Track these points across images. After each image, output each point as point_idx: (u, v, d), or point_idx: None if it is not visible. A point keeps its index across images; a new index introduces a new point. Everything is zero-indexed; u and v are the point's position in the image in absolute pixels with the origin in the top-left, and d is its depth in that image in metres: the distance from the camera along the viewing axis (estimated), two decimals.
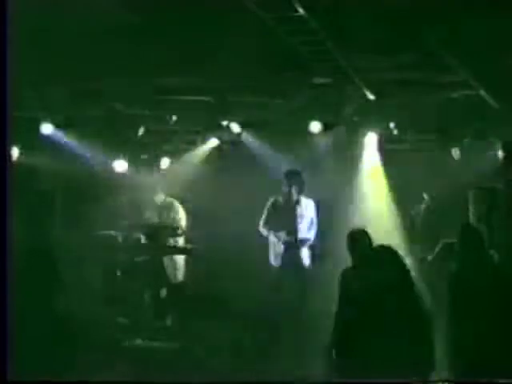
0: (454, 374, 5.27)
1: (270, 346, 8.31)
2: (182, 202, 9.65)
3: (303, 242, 8.61)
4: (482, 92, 8.15)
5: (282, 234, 8.58)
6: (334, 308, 5.53)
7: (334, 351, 5.06)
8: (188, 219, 9.60)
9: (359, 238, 6.10)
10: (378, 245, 5.36)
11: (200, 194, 9.65)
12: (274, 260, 8.69)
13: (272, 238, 8.71)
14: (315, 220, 8.75)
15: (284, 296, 8.48)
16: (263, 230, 8.77)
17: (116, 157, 10.02)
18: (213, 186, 10.16)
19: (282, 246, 8.58)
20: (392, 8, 6.27)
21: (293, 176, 8.66)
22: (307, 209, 8.71)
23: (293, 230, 8.56)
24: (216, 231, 9.53)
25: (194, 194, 9.58)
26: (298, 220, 8.60)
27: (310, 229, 8.71)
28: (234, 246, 9.73)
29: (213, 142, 10.24)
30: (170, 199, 9.59)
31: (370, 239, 6.11)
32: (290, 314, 8.28)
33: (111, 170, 10.03)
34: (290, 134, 9.81)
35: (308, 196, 8.92)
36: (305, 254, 8.63)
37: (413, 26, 6.63)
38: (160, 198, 9.60)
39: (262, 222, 8.79)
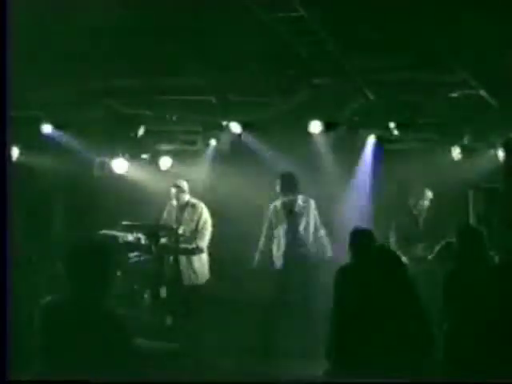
0: (452, 373, 5.28)
1: (271, 346, 8.34)
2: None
3: (305, 242, 8.57)
4: (482, 92, 8.16)
5: (283, 238, 8.58)
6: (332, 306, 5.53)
7: (332, 351, 5.07)
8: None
9: (361, 237, 6.08)
10: (379, 244, 5.36)
11: (199, 193, 9.65)
12: (277, 263, 8.68)
13: (275, 243, 8.72)
14: (318, 218, 8.74)
15: (287, 296, 8.50)
16: (263, 240, 8.77)
17: (116, 157, 10.03)
18: (212, 186, 10.16)
19: (284, 249, 8.57)
20: (392, 8, 6.27)
21: (286, 179, 8.64)
22: (307, 209, 8.68)
23: (293, 232, 8.56)
24: (216, 231, 9.52)
25: (193, 193, 9.57)
26: (298, 221, 8.57)
27: (314, 229, 8.68)
28: (234, 246, 9.74)
29: (213, 142, 10.24)
30: (193, 200, 9.47)
31: (372, 239, 6.08)
32: (292, 313, 8.31)
33: (111, 170, 10.03)
34: (289, 134, 9.81)
35: (308, 196, 8.94)
36: (308, 254, 8.59)
37: (413, 26, 6.63)
38: (183, 197, 9.46)
39: (264, 231, 8.79)
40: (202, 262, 9.33)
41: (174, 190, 9.39)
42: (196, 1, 6.33)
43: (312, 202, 8.77)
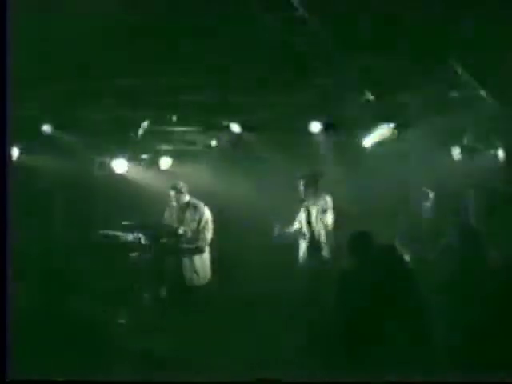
0: (453, 373, 5.28)
1: (271, 346, 8.33)
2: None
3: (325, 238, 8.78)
4: (482, 92, 8.16)
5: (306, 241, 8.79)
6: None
7: (334, 351, 5.07)
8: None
9: (360, 239, 6.06)
10: (380, 245, 5.36)
11: (200, 193, 9.64)
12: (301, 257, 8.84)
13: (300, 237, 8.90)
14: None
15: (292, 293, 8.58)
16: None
17: (116, 157, 10.04)
18: (213, 186, 10.16)
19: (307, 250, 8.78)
20: (392, 8, 6.27)
21: (308, 181, 8.84)
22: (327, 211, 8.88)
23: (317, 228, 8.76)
24: (217, 230, 9.52)
25: (193, 193, 9.57)
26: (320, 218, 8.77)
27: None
28: (235, 245, 9.74)
29: (213, 142, 10.25)
30: (194, 201, 9.44)
31: (371, 240, 6.07)
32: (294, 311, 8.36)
33: (111, 170, 10.04)
34: (290, 134, 9.82)
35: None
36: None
37: (413, 26, 6.64)
38: (183, 198, 9.42)
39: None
40: (203, 262, 9.32)
41: (172, 193, 9.36)
42: (196, 1, 6.34)
43: (330, 202, 8.92)
